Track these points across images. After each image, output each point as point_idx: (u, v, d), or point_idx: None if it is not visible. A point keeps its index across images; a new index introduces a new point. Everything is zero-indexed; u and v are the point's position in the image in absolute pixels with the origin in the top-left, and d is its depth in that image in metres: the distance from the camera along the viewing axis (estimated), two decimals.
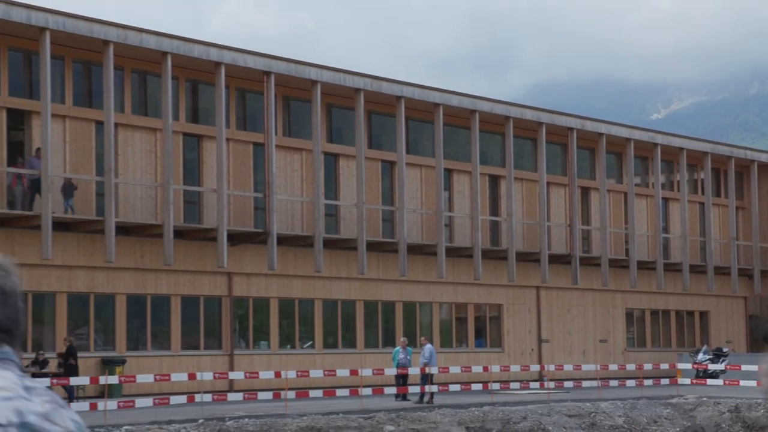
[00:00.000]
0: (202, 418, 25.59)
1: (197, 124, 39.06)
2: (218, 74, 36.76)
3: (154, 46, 35.28)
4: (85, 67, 36.18)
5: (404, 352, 35.14)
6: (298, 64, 39.32)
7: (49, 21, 32.80)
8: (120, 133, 36.17)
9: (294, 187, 41.15)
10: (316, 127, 39.24)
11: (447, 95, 43.83)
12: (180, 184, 37.57)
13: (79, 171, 35.44)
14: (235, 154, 39.40)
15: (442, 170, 43.20)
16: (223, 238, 36.54)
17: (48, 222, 32.44)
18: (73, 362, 32.87)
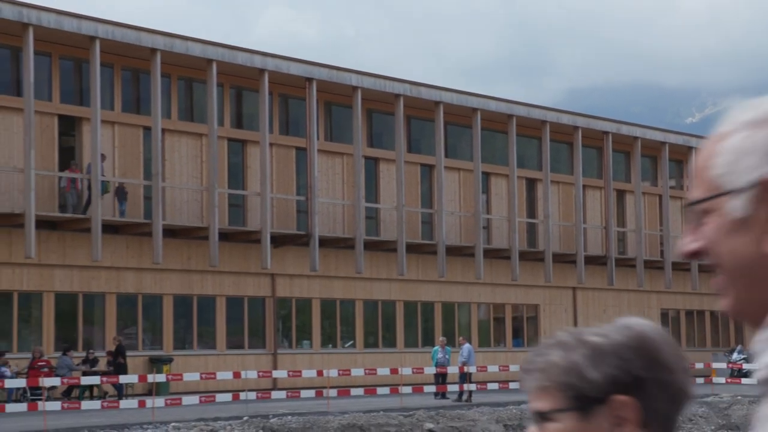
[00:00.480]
0: (246, 416, 25.70)
1: (241, 130, 39.24)
2: (262, 81, 36.91)
3: (199, 54, 35.48)
4: (133, 74, 36.43)
5: (443, 352, 35.14)
6: (339, 71, 39.41)
7: (99, 30, 33.08)
8: (167, 139, 36.40)
9: (335, 191, 41.24)
10: (357, 132, 39.32)
11: (485, 100, 43.79)
12: (225, 187, 37.75)
13: (127, 175, 35.71)
14: (278, 159, 39.53)
15: (480, 173, 43.16)
16: (267, 240, 36.68)
17: (98, 225, 32.71)
18: (122, 361, 33.10)
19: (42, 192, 33.16)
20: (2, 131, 33.20)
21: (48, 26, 31.98)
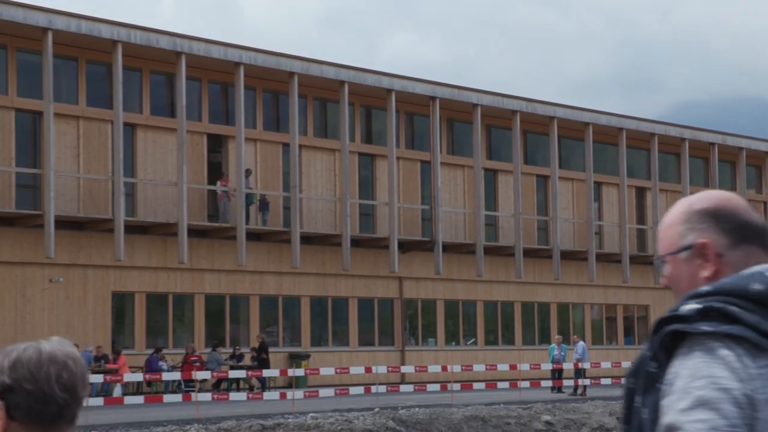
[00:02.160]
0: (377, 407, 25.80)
1: (371, 145, 39.51)
2: (389, 100, 37.13)
3: (333, 76, 35.86)
4: (273, 96, 36.99)
5: (559, 349, 34.87)
6: (460, 90, 39.44)
7: (243, 57, 33.68)
8: (303, 154, 36.85)
9: (457, 200, 41.27)
10: (477, 146, 39.31)
11: (596, 115, 43.37)
12: (356, 198, 38.05)
13: (268, 188, 36.25)
14: (405, 171, 39.71)
15: (592, 183, 42.75)
16: (395, 246, 36.86)
17: (242, 233, 33.26)
18: (265, 357, 33.55)
19: (193, 203, 33.86)
20: (158, 149, 34.03)
21: (198, 54, 32.69)
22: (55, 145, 30.35)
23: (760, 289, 2.42)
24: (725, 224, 2.58)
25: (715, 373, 2.37)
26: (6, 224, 30.56)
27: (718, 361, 2.38)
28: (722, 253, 2.55)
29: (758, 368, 2.39)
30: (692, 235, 2.59)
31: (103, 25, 30.99)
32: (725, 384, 2.36)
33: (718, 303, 2.43)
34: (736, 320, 2.41)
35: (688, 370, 2.40)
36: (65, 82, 32.22)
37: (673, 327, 2.45)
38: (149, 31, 31.99)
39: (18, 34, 30.48)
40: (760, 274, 2.46)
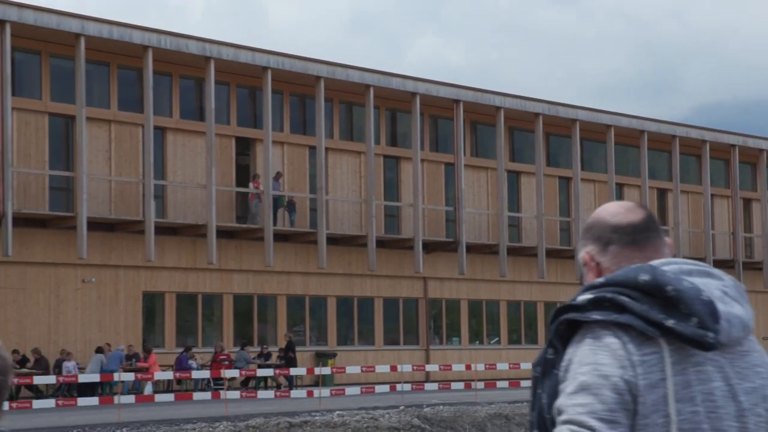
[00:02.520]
0: (402, 405, 25.81)
1: (396, 147, 39.55)
2: (414, 103, 37.16)
3: (358, 80, 35.92)
4: (300, 99, 37.08)
5: None
6: (483, 93, 39.40)
7: (270, 61, 33.78)
8: (330, 157, 36.91)
9: (481, 201, 41.24)
10: (500, 148, 39.27)
11: (617, 117, 43.24)
12: (381, 200, 38.09)
13: (295, 190, 36.34)
14: (429, 173, 39.73)
15: (614, 185, 42.62)
16: (419, 246, 36.88)
17: (270, 234, 33.36)
18: (292, 355, 33.64)
19: (222, 205, 33.99)
20: (187, 152, 34.18)
21: (226, 59, 32.81)
22: (87, 148, 30.54)
23: (648, 279, 2.53)
24: (595, 234, 2.78)
25: (598, 360, 2.50)
26: (39, 226, 30.78)
27: (603, 348, 2.51)
28: (598, 261, 2.75)
29: (641, 355, 2.50)
30: (582, 252, 2.81)
31: (134, 31, 31.16)
32: (606, 371, 2.48)
33: (610, 293, 2.55)
34: (625, 309, 2.52)
35: (578, 356, 2.54)
36: (97, 87, 32.42)
37: (566, 316, 2.58)
38: (179, 37, 32.14)
39: (52, 40, 30.70)
40: (649, 266, 2.58)
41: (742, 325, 2.63)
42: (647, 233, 2.76)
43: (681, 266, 2.67)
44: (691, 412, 2.52)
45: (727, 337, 2.58)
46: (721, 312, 2.57)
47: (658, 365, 2.52)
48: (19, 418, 22.86)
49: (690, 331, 2.51)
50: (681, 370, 2.54)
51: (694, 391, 2.54)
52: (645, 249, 2.73)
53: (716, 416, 2.55)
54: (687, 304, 2.53)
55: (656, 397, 2.50)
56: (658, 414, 2.50)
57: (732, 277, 2.75)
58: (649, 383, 2.50)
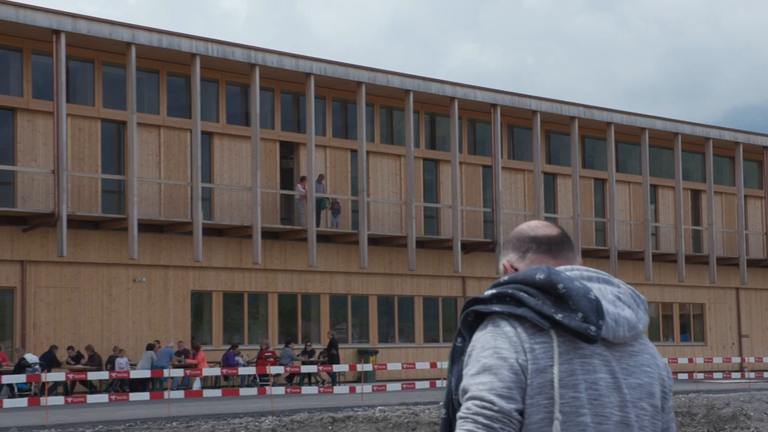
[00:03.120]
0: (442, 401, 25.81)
1: (435, 150, 39.56)
2: (452, 107, 37.16)
3: (398, 85, 35.96)
4: (342, 104, 37.18)
5: None
6: (520, 97, 39.32)
7: (313, 67, 33.89)
8: (370, 160, 36.99)
9: (517, 203, 41.15)
10: (537, 151, 39.17)
11: (651, 120, 42.98)
12: (421, 201, 38.11)
13: (338, 192, 36.44)
14: (467, 175, 39.70)
15: (648, 186, 42.37)
16: (458, 246, 36.86)
17: (313, 235, 33.48)
18: (335, 352, 33.74)
19: (267, 207, 34.17)
20: (233, 156, 34.39)
21: (271, 66, 32.98)
22: (138, 152, 30.82)
23: (543, 278, 2.81)
24: (515, 244, 3.08)
25: (498, 345, 2.77)
26: (93, 227, 31.09)
27: (502, 336, 2.78)
28: (516, 267, 3.04)
29: (533, 343, 2.77)
30: (502, 260, 3.12)
31: (182, 40, 31.41)
32: (505, 354, 2.76)
33: (511, 289, 2.84)
34: (523, 303, 2.81)
35: (480, 342, 2.81)
36: (147, 94, 32.70)
37: (473, 308, 2.87)
38: (225, 45, 32.34)
39: (104, 49, 31.02)
40: (546, 267, 2.85)
41: (629, 326, 2.88)
42: (561, 245, 3.04)
43: (582, 272, 2.94)
44: (573, 397, 2.76)
45: (613, 334, 2.84)
46: (608, 311, 2.84)
47: (547, 353, 2.77)
48: (74, 412, 23.12)
49: (575, 324, 2.76)
50: (567, 360, 2.78)
51: (578, 379, 2.78)
52: (558, 258, 3.01)
53: (599, 403, 2.79)
54: (574, 300, 2.78)
55: (543, 381, 2.75)
56: (542, 396, 2.74)
57: (631, 287, 3.00)
58: (537, 368, 2.75)
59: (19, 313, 30.15)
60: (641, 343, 2.95)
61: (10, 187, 30.04)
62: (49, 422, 21.16)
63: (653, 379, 2.92)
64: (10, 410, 23.65)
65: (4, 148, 30.00)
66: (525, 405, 2.74)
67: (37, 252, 30.13)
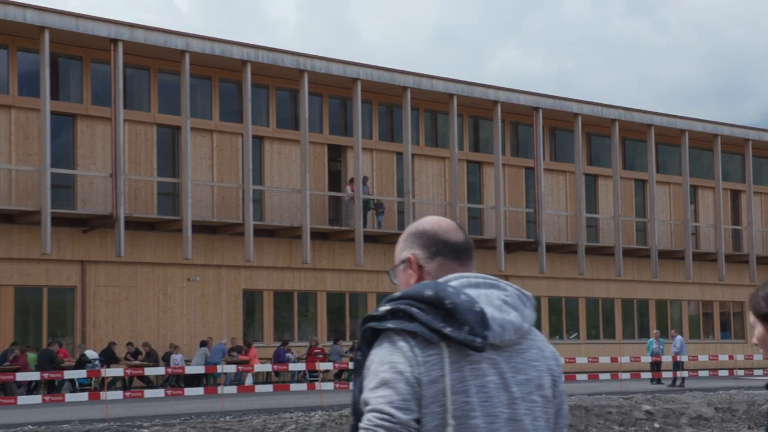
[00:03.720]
0: None
1: (478, 153, 39.48)
2: (495, 111, 37.06)
3: (442, 90, 35.94)
4: (388, 109, 37.23)
5: (657, 343, 34.36)
6: (561, 100, 39.14)
7: (360, 73, 33.98)
8: (416, 162, 37.00)
9: (559, 203, 40.96)
10: (578, 153, 38.97)
11: (691, 122, 42.59)
12: (465, 202, 38.07)
13: (383, 193, 36.50)
14: (510, 177, 39.58)
15: (688, 187, 42.00)
16: (501, 246, 36.77)
17: (360, 235, 33.56)
18: None
19: (315, 208, 34.30)
20: (283, 159, 34.56)
21: (319, 71, 33.10)
22: (191, 156, 31.07)
23: (431, 294, 2.90)
24: (426, 242, 3.12)
25: (394, 360, 2.87)
26: (149, 228, 31.40)
27: (397, 351, 2.88)
28: (422, 265, 3.10)
29: (425, 356, 2.87)
30: (406, 252, 3.14)
31: (234, 47, 31.62)
32: (400, 368, 2.86)
33: (404, 305, 2.92)
34: (415, 319, 2.89)
35: (378, 357, 2.90)
36: (200, 100, 32.96)
37: (369, 325, 2.95)
38: (275, 52, 32.51)
39: (159, 56, 31.32)
40: (434, 283, 2.96)
41: (515, 329, 2.99)
42: (468, 252, 3.16)
43: (470, 279, 3.04)
44: (464, 402, 2.88)
45: (500, 339, 2.96)
46: (495, 319, 2.95)
47: (438, 364, 2.87)
48: (132, 407, 23.37)
49: (462, 337, 2.86)
50: (458, 368, 2.89)
51: (469, 384, 2.90)
52: (465, 265, 3.13)
53: (489, 404, 2.91)
54: (461, 314, 2.88)
55: (435, 391, 2.86)
56: (436, 404, 2.86)
57: (516, 288, 3.09)
58: (430, 379, 2.86)
59: (80, 311, 30.53)
60: (529, 339, 3.06)
61: (71, 190, 30.43)
62: (108, 416, 21.41)
63: (541, 372, 3.04)
64: (71, 404, 23.96)
65: (65, 153, 30.39)
66: (421, 414, 2.85)
67: (97, 252, 30.49)
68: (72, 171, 30.03)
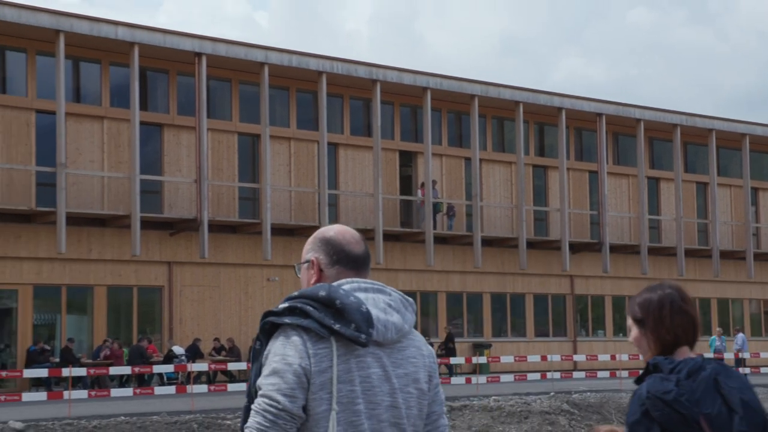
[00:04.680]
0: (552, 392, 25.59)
1: (543, 158, 39.19)
2: (560, 117, 36.77)
3: (509, 97, 35.76)
4: (456, 116, 37.13)
5: (719, 340, 33.79)
6: (623, 106, 38.68)
7: (430, 82, 33.93)
8: (483, 167, 36.84)
9: (622, 205, 40.48)
10: (640, 157, 38.47)
11: (752, 126, 41.77)
12: (531, 205, 37.79)
13: (453, 197, 36.41)
14: (574, 180, 39.21)
15: (749, 189, 41.20)
16: (566, 247, 36.44)
17: (430, 237, 33.51)
18: (452, 346, 33.69)
19: (387, 212, 34.32)
20: (357, 165, 34.66)
21: (391, 81, 33.14)
22: (270, 163, 31.32)
23: (324, 294, 3.17)
24: (329, 250, 3.35)
25: (286, 353, 3.13)
26: (230, 231, 31.71)
27: (290, 344, 3.14)
28: (323, 269, 3.34)
29: (316, 349, 3.13)
30: (311, 254, 3.38)
31: (310, 59, 31.80)
32: (290, 360, 3.12)
33: (300, 303, 3.18)
34: (309, 316, 3.15)
35: (273, 348, 3.16)
36: (279, 109, 33.20)
37: (268, 319, 3.20)
38: (349, 63, 32.62)
39: (240, 69, 31.61)
40: (328, 285, 3.22)
41: (396, 329, 3.26)
42: (365, 263, 3.39)
43: (360, 284, 3.29)
44: (350, 390, 3.15)
45: (383, 337, 3.21)
46: (379, 320, 3.21)
47: (327, 357, 3.13)
48: (216, 400, 23.61)
49: (349, 333, 3.12)
50: (345, 360, 3.15)
51: (354, 375, 3.16)
52: (360, 273, 3.35)
53: (372, 393, 3.18)
54: (349, 313, 3.14)
55: (324, 380, 3.12)
56: (324, 391, 3.12)
57: (400, 293, 3.36)
58: (319, 369, 3.12)
59: (167, 309, 30.95)
60: (409, 339, 3.33)
61: (158, 195, 30.87)
62: (194, 408, 21.67)
63: (418, 368, 3.31)
64: (160, 397, 24.31)
65: (153, 160, 30.83)
66: (309, 400, 3.12)
67: (182, 254, 30.88)
68: (159, 177, 30.46)
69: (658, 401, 3.50)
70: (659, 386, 3.52)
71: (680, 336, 3.68)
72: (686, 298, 3.75)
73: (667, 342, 3.66)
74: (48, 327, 29.44)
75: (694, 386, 3.50)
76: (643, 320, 3.69)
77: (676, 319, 3.67)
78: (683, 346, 3.69)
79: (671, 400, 3.48)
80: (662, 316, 3.67)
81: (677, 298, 3.72)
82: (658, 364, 3.61)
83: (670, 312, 3.67)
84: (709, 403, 3.48)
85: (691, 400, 3.48)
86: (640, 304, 3.72)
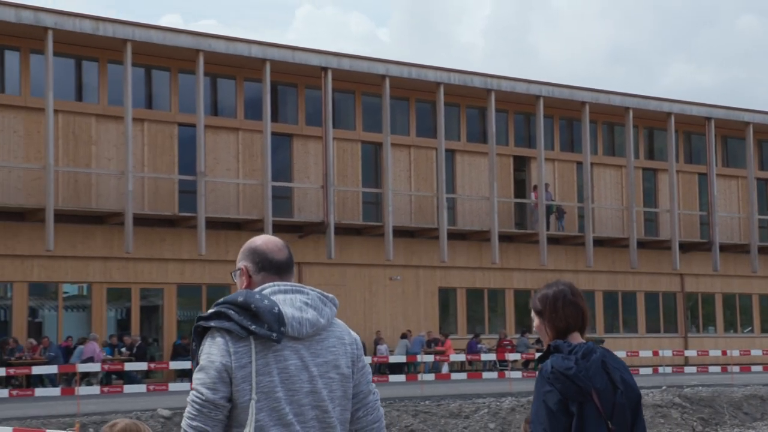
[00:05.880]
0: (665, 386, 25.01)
1: (653, 161, 38.31)
2: (669, 122, 35.89)
3: (618, 104, 35.11)
4: (568, 122, 36.62)
5: None
6: (732, 110, 37.51)
7: (542, 90, 33.48)
8: (594, 170, 36.25)
9: (732, 206, 39.22)
10: (750, 160, 37.28)
11: None
12: (641, 206, 37.00)
13: (565, 199, 35.92)
14: (683, 182, 38.20)
15: None
16: (676, 246, 35.54)
17: (543, 237, 33.14)
18: None
19: (502, 214, 34.08)
20: (473, 170, 34.49)
21: (505, 90, 32.88)
22: (392, 169, 31.46)
23: (242, 300, 3.44)
24: (255, 258, 3.62)
25: (210, 352, 3.43)
26: (355, 234, 31.97)
27: (215, 344, 3.44)
28: (251, 275, 3.62)
29: (236, 348, 3.41)
30: (242, 263, 3.65)
31: (428, 71, 31.83)
32: (213, 358, 3.41)
33: (224, 308, 3.46)
34: (231, 319, 3.42)
35: (203, 348, 3.46)
36: (399, 118, 33.32)
37: (198, 323, 3.49)
38: (465, 74, 32.52)
39: (363, 81, 31.85)
40: (246, 292, 3.48)
41: (311, 325, 3.52)
42: (288, 268, 3.65)
43: (280, 287, 3.55)
44: (269, 381, 3.40)
45: (297, 332, 3.47)
46: (294, 318, 3.47)
47: (247, 354, 3.40)
48: None
49: (262, 332, 3.39)
50: (263, 356, 3.41)
51: (272, 368, 3.41)
52: (283, 277, 3.61)
53: (290, 381, 3.43)
54: (262, 315, 3.41)
55: (244, 373, 3.39)
56: (246, 383, 3.39)
57: (319, 291, 3.63)
58: (240, 365, 3.39)
59: None
60: (329, 330, 3.60)
61: (288, 200, 31.35)
62: None
63: (338, 355, 3.57)
64: None
65: (283, 167, 31.34)
66: (234, 392, 3.38)
67: (311, 255, 31.27)
68: (289, 184, 30.93)
69: (561, 375, 3.97)
70: (562, 363, 3.99)
71: (571, 323, 4.15)
72: (576, 293, 4.23)
73: (560, 328, 4.14)
74: (191, 323, 30.22)
75: (587, 365, 3.99)
76: (542, 311, 4.20)
77: (567, 310, 4.15)
78: (574, 332, 4.15)
79: (572, 375, 3.96)
80: (556, 307, 4.16)
81: (569, 293, 4.21)
82: (558, 346, 4.08)
83: (562, 304, 4.16)
84: (599, 379, 4.00)
85: (586, 376, 3.97)
86: (540, 299, 4.25)
